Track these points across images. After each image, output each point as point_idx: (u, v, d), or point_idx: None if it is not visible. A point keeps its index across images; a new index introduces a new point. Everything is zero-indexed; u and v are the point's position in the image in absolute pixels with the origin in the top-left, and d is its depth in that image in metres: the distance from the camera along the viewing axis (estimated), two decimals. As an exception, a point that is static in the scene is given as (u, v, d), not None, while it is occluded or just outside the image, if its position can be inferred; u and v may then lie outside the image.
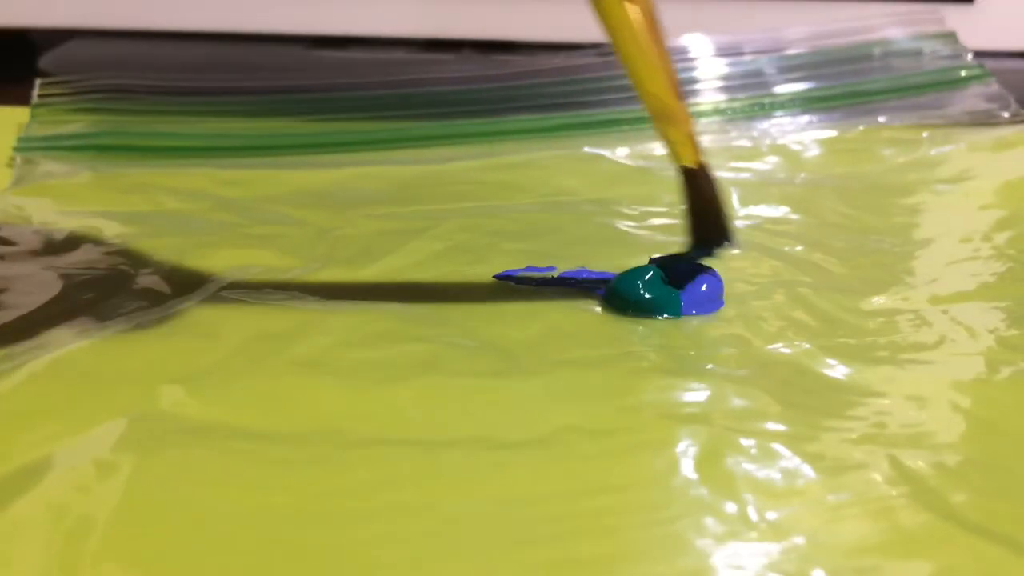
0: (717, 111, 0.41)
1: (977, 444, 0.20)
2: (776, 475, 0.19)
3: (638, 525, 0.18)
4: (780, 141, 0.39)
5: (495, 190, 0.34)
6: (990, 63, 0.46)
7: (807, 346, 0.24)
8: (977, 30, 0.48)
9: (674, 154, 0.25)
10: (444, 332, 0.24)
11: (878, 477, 0.19)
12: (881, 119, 0.40)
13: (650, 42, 0.23)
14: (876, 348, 0.24)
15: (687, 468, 0.19)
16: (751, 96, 0.42)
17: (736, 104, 0.41)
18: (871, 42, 0.46)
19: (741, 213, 0.32)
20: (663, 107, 0.24)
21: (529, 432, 0.20)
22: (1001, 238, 0.30)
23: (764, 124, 0.40)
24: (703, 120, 0.41)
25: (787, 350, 0.24)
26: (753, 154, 0.38)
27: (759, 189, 0.34)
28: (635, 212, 0.32)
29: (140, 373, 0.23)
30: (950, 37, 0.45)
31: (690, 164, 0.25)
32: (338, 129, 0.40)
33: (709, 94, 0.42)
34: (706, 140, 0.39)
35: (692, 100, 0.42)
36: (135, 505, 0.18)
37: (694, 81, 0.43)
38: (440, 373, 0.23)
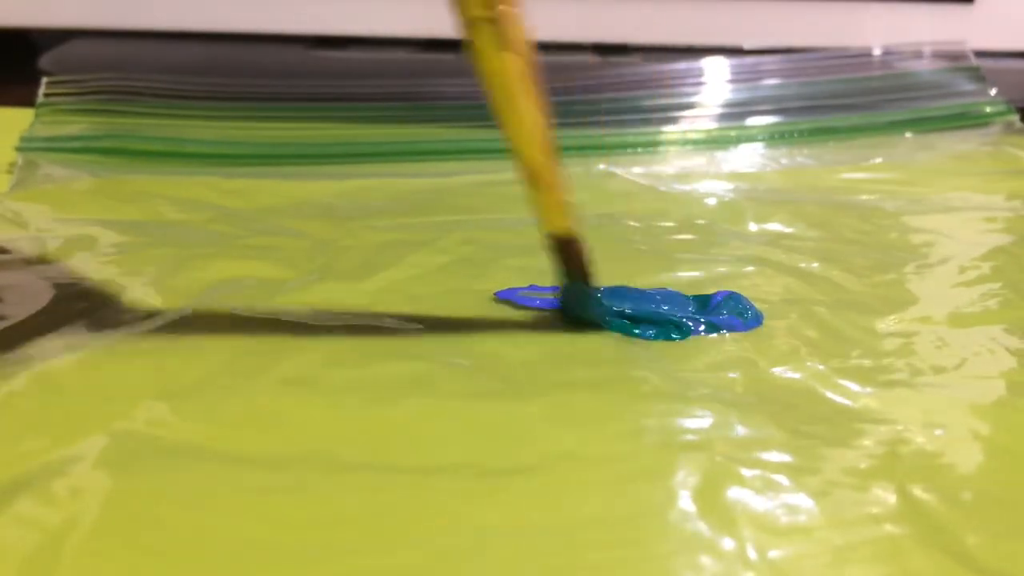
0: (732, 137, 0.40)
1: (996, 477, 0.19)
2: (778, 510, 0.18)
3: (630, 561, 0.17)
4: (797, 160, 0.38)
5: (501, 203, 0.33)
6: (989, 63, 0.45)
7: (820, 368, 0.23)
8: (977, 30, 0.47)
9: (542, 220, 0.23)
10: (439, 351, 0.24)
11: (887, 514, 0.18)
12: (901, 148, 0.39)
13: (525, 100, 0.22)
14: (891, 370, 0.23)
15: (685, 500, 0.18)
16: (771, 124, 0.41)
17: (754, 131, 0.40)
18: (896, 73, 0.45)
19: (754, 229, 0.31)
20: (533, 170, 0.23)
21: (521, 459, 0.20)
22: (1026, 257, 0.29)
23: (782, 148, 0.39)
24: (719, 143, 0.40)
25: (797, 373, 0.23)
26: (767, 172, 0.37)
27: (774, 206, 0.33)
28: (644, 227, 0.31)
29: (124, 389, 0.22)
30: (975, 71, 0.44)
31: (559, 232, 0.23)
32: (344, 139, 0.39)
33: (724, 119, 0.41)
34: (723, 159, 0.38)
35: (706, 123, 0.41)
36: (108, 527, 0.18)
37: (709, 104, 0.42)
38: (432, 394, 0.22)
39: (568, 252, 0.24)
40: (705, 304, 0.25)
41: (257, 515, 0.18)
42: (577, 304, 0.25)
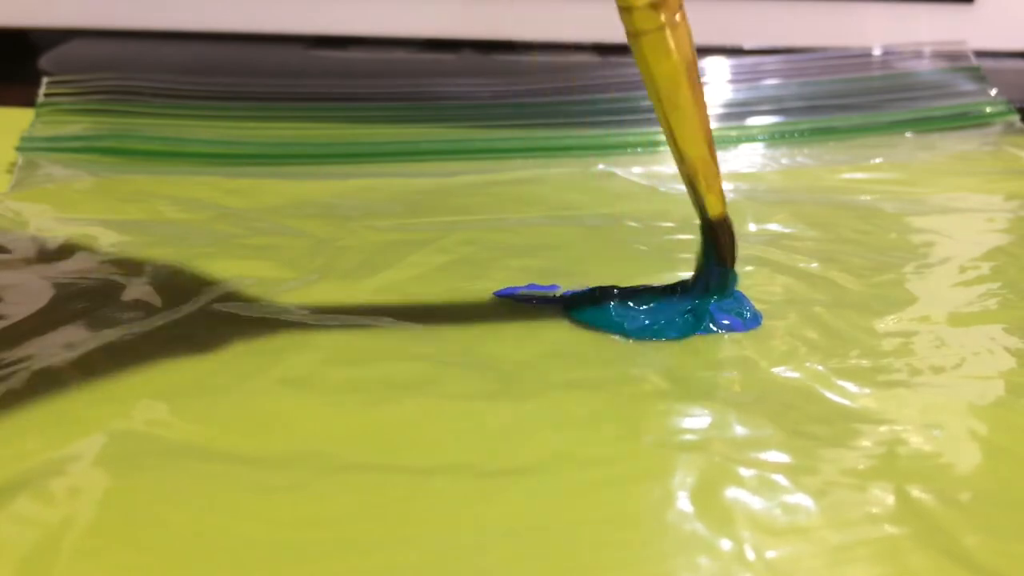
0: (732, 137, 0.40)
1: (995, 477, 0.19)
2: (776, 510, 0.18)
3: (628, 561, 0.17)
4: (797, 160, 0.38)
5: (502, 203, 0.33)
6: (990, 63, 0.45)
7: (819, 368, 0.23)
8: (977, 30, 0.47)
9: (702, 207, 0.24)
10: (438, 350, 0.24)
11: (885, 514, 0.18)
12: (901, 148, 0.39)
13: (691, 99, 0.23)
14: (890, 370, 0.23)
15: (682, 501, 0.18)
16: (771, 124, 0.41)
17: (754, 131, 0.40)
18: (896, 73, 0.45)
19: (754, 229, 0.31)
20: (696, 165, 0.23)
21: (518, 459, 0.20)
22: (1026, 257, 0.29)
23: (782, 148, 0.39)
24: (719, 143, 0.40)
25: (796, 373, 0.23)
26: (767, 172, 0.37)
27: (774, 206, 0.33)
28: (644, 227, 0.31)
29: (123, 388, 0.22)
30: (975, 71, 0.44)
31: (715, 217, 0.24)
32: (344, 139, 0.39)
33: (724, 119, 0.41)
34: (723, 159, 0.38)
35: (710, 123, 0.41)
36: (107, 526, 0.18)
37: (709, 104, 0.42)
38: (431, 394, 0.22)
39: (721, 234, 0.24)
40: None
41: (256, 514, 0.18)
42: (718, 286, 0.25)
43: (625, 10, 0.22)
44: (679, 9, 0.22)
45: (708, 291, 0.25)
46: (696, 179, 0.24)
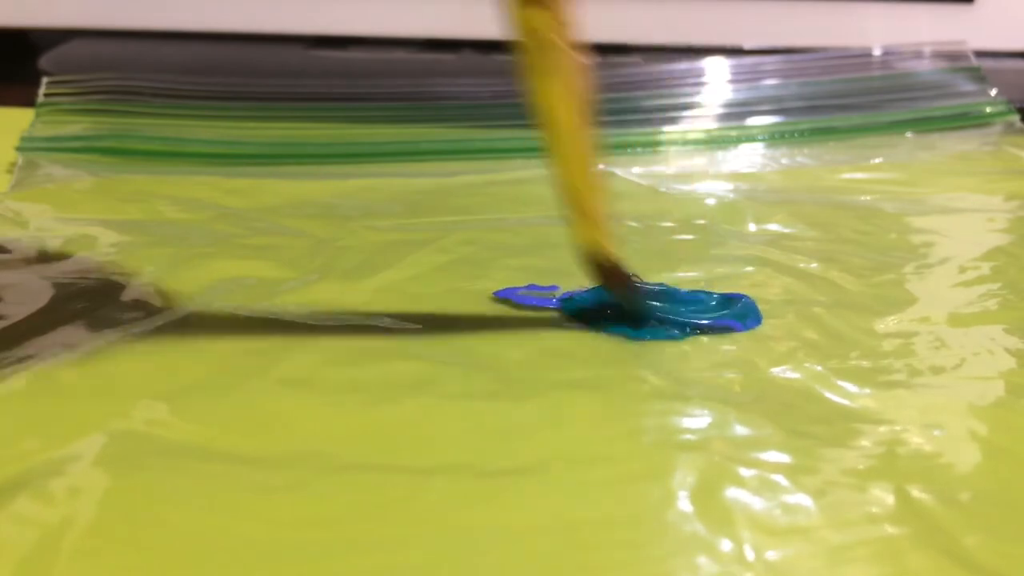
0: (732, 137, 0.40)
1: (994, 477, 0.19)
2: (776, 511, 0.18)
3: (628, 561, 0.17)
4: (797, 160, 0.38)
5: (503, 203, 0.33)
6: (990, 63, 0.45)
7: (818, 368, 0.23)
8: (977, 30, 0.47)
9: (584, 246, 0.23)
10: (437, 350, 0.24)
11: (885, 514, 0.18)
12: (901, 148, 0.39)
13: (571, 124, 0.21)
14: (890, 371, 0.23)
15: (682, 501, 0.18)
16: (771, 124, 0.41)
17: (754, 131, 0.40)
18: (896, 73, 0.45)
19: (754, 229, 0.31)
20: (579, 201, 0.22)
21: (518, 459, 0.20)
22: (1026, 257, 0.29)
23: (782, 148, 0.39)
24: (719, 143, 0.40)
25: (796, 373, 0.23)
26: (767, 172, 0.37)
27: (774, 206, 0.33)
28: (644, 227, 0.31)
29: (123, 388, 0.22)
30: (975, 71, 0.44)
31: (601, 259, 0.23)
32: (344, 139, 0.39)
33: (724, 119, 0.41)
34: (723, 159, 0.38)
35: (707, 123, 0.41)
36: (106, 526, 0.18)
37: (709, 104, 0.43)
38: (430, 394, 0.22)
39: (611, 276, 0.24)
40: (724, 303, 0.25)
41: (255, 514, 0.18)
42: (630, 312, 0.25)
43: (508, 10, 0.21)
44: (562, 29, 0.21)
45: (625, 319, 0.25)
46: (580, 214, 0.23)
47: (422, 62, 0.50)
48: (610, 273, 0.24)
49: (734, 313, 0.25)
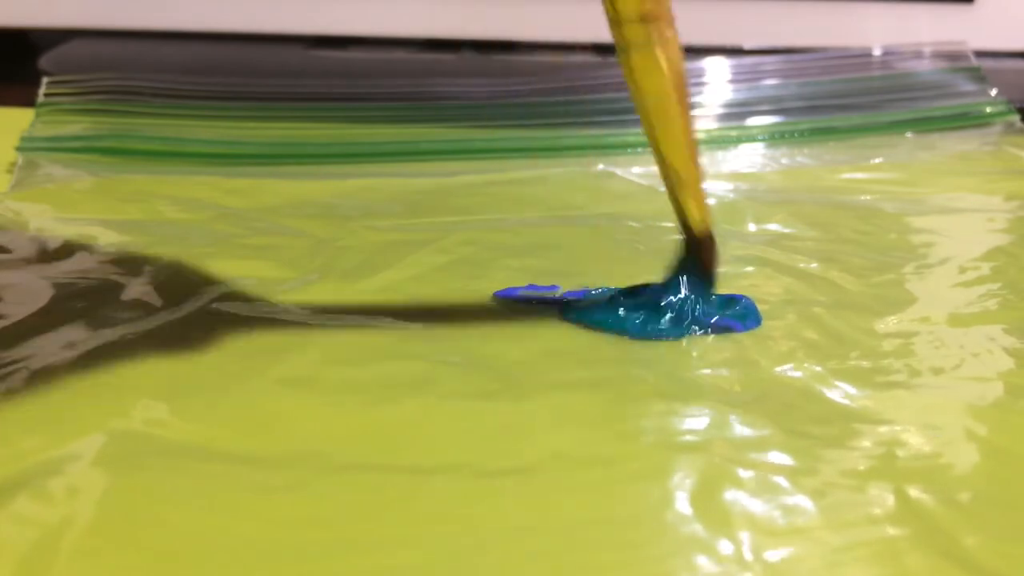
0: (732, 137, 0.40)
1: (994, 478, 0.19)
2: (775, 511, 0.18)
3: (627, 562, 0.17)
4: (797, 160, 0.38)
5: (503, 203, 0.33)
6: (990, 63, 0.45)
7: (818, 368, 0.23)
8: (977, 30, 0.47)
9: (684, 220, 0.24)
10: (437, 350, 0.24)
11: (885, 515, 0.18)
12: (901, 148, 0.39)
13: (679, 112, 0.22)
14: (890, 371, 0.23)
15: (681, 501, 0.18)
16: (771, 124, 0.41)
17: (754, 131, 0.40)
18: (896, 73, 0.45)
19: (754, 229, 0.31)
20: (682, 175, 0.23)
21: (517, 459, 0.20)
22: (1026, 257, 0.29)
23: (782, 148, 0.39)
24: (719, 143, 0.40)
25: (796, 373, 0.23)
26: (767, 172, 0.37)
27: (774, 206, 0.33)
28: (644, 227, 0.31)
29: (122, 388, 0.22)
30: (975, 71, 0.44)
31: (699, 231, 0.24)
32: (344, 139, 0.39)
33: (724, 119, 0.41)
34: (723, 159, 0.38)
35: (707, 123, 0.41)
36: (105, 525, 0.18)
37: (709, 104, 0.43)
38: (430, 394, 0.22)
39: (703, 248, 0.24)
40: (724, 304, 0.25)
41: (255, 514, 0.18)
42: (696, 295, 0.25)
43: (615, 23, 0.22)
44: (671, 24, 0.22)
45: (686, 296, 0.25)
46: (681, 192, 0.23)
47: (422, 62, 0.50)
48: (705, 245, 0.24)
49: (734, 313, 0.25)
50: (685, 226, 0.24)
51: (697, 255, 0.25)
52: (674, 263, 0.25)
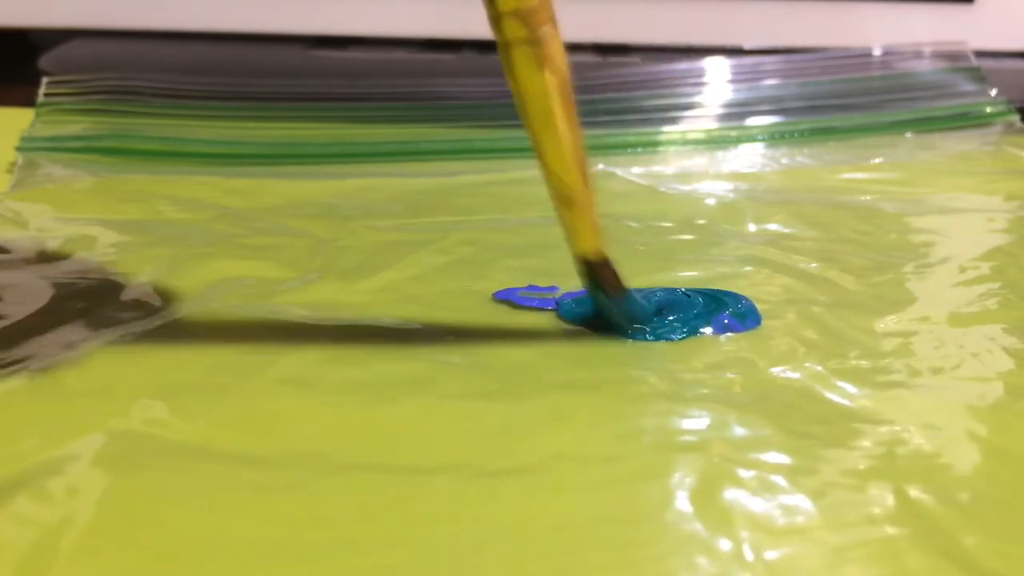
0: (732, 137, 0.40)
1: (994, 478, 0.19)
2: (775, 511, 0.18)
3: (626, 562, 0.17)
4: (797, 160, 0.38)
5: (503, 203, 0.33)
6: (990, 63, 0.45)
7: (817, 368, 0.23)
8: (977, 30, 0.47)
9: (574, 243, 0.23)
10: (436, 350, 0.24)
11: (885, 515, 0.18)
12: (901, 148, 0.39)
13: (563, 120, 0.21)
14: (890, 371, 0.23)
15: (681, 501, 0.18)
16: (771, 124, 0.41)
17: (754, 131, 0.40)
18: (896, 73, 0.45)
19: (753, 229, 0.31)
20: (568, 192, 0.22)
21: (517, 459, 0.20)
22: (1026, 257, 0.29)
23: (782, 148, 0.39)
24: (719, 143, 0.40)
25: (795, 373, 0.23)
26: (767, 172, 0.37)
27: (774, 206, 0.33)
28: (644, 227, 0.31)
29: (122, 388, 0.22)
30: (975, 71, 0.44)
31: (591, 255, 0.23)
32: (344, 139, 0.39)
33: (724, 119, 0.41)
34: (723, 159, 0.38)
35: (707, 123, 0.41)
36: (105, 525, 0.18)
37: (709, 104, 0.43)
38: (430, 394, 0.22)
39: (601, 274, 0.23)
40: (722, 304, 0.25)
41: (254, 514, 0.18)
42: (617, 317, 0.24)
43: (493, 19, 0.21)
44: (548, 23, 0.21)
45: (621, 322, 0.24)
46: (568, 211, 0.22)
47: (422, 62, 0.50)
48: (601, 271, 0.23)
49: (734, 312, 0.25)
50: (576, 250, 0.23)
51: (597, 280, 0.23)
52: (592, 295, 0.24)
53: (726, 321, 0.25)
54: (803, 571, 0.17)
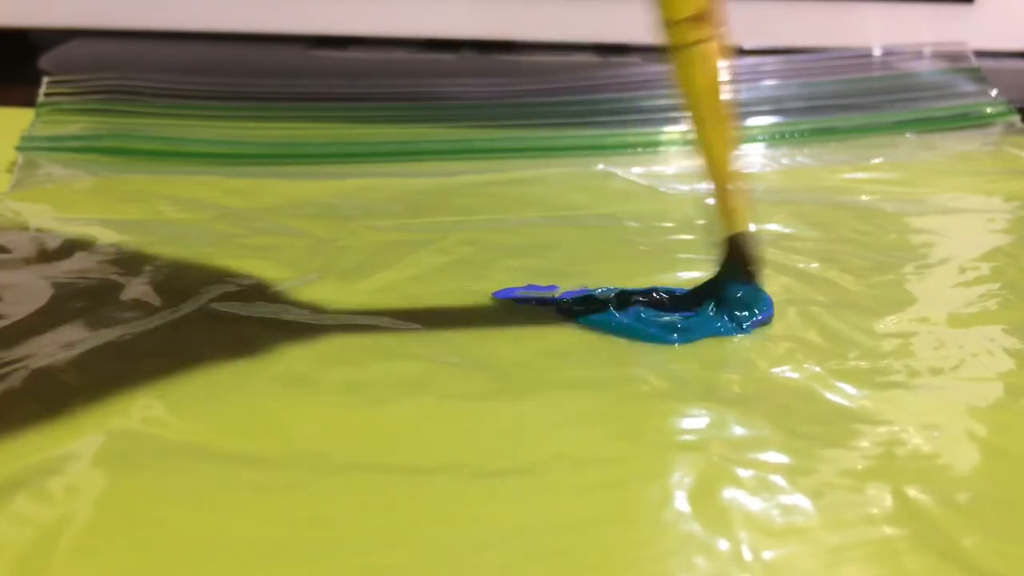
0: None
1: (992, 478, 0.19)
2: (774, 511, 0.18)
3: (625, 562, 0.17)
4: (797, 160, 0.38)
5: (503, 203, 0.33)
6: (990, 63, 0.45)
7: (816, 369, 0.23)
8: (977, 30, 0.47)
9: (725, 221, 0.25)
10: (437, 350, 0.24)
11: (883, 515, 0.18)
12: (901, 149, 0.39)
13: (724, 110, 0.23)
14: (889, 372, 0.23)
15: (680, 501, 0.18)
16: (771, 124, 0.41)
17: (754, 131, 0.40)
18: (897, 73, 0.45)
19: (754, 229, 0.31)
20: (724, 173, 0.24)
21: (516, 459, 0.20)
22: (1025, 258, 0.29)
23: (782, 148, 0.39)
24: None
25: (795, 374, 0.23)
26: (767, 172, 0.37)
27: (774, 206, 0.33)
28: (644, 227, 0.31)
29: (122, 387, 0.22)
30: (975, 71, 0.44)
31: (739, 230, 0.25)
32: (344, 139, 0.39)
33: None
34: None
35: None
36: (104, 525, 0.18)
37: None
38: (429, 394, 0.22)
39: (743, 249, 0.25)
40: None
41: (254, 514, 0.18)
42: (736, 302, 0.25)
43: (667, 24, 0.23)
44: (721, 24, 0.23)
45: (723, 305, 0.25)
46: (721, 190, 0.24)
47: (422, 62, 0.50)
48: (742, 250, 0.25)
49: (759, 306, 0.25)
50: (729, 228, 0.25)
51: (734, 257, 0.25)
52: (720, 265, 0.25)
53: (746, 324, 0.25)
54: (801, 571, 0.17)
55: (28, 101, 0.41)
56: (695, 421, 0.21)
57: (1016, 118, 0.41)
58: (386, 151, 0.38)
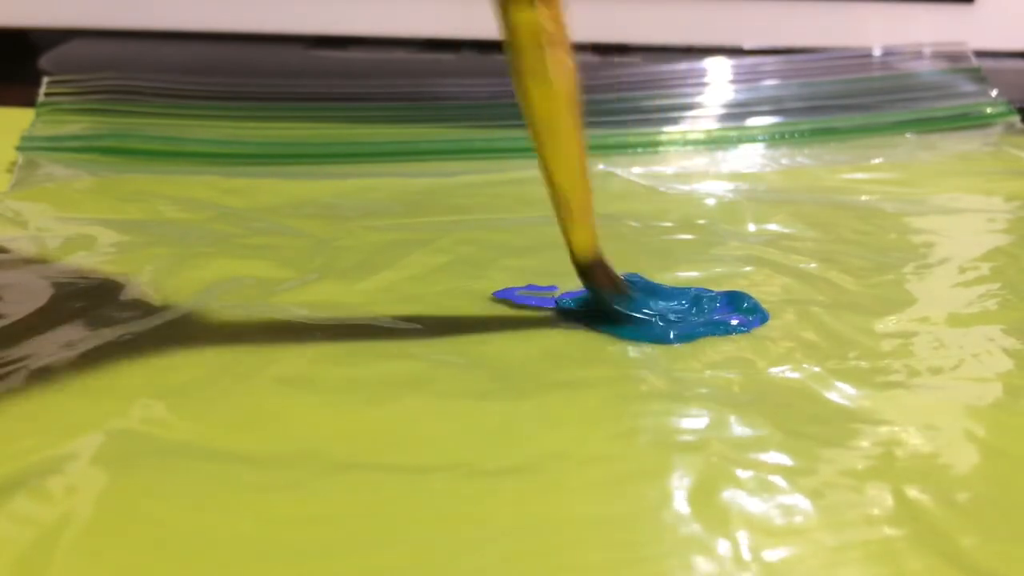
0: (732, 137, 0.40)
1: (992, 479, 0.19)
2: (773, 511, 0.18)
3: (624, 561, 0.17)
4: (797, 160, 0.38)
5: (503, 203, 0.33)
6: (990, 63, 0.45)
7: (816, 369, 0.23)
8: (977, 30, 0.47)
9: (573, 246, 0.23)
10: (435, 350, 0.24)
11: (883, 515, 0.18)
12: (901, 149, 0.39)
13: (568, 130, 0.22)
14: (889, 372, 0.23)
15: (679, 501, 0.18)
16: (771, 124, 0.41)
17: (754, 131, 0.40)
18: (897, 73, 0.45)
19: (753, 229, 0.31)
20: (569, 199, 0.23)
21: (514, 459, 0.20)
22: (1026, 258, 0.29)
23: (782, 148, 0.39)
24: (719, 143, 0.40)
25: (794, 374, 0.23)
26: (767, 172, 0.37)
27: (774, 206, 0.33)
28: (644, 227, 0.31)
29: (121, 387, 0.22)
30: (975, 72, 0.44)
31: (588, 257, 0.24)
32: (344, 139, 0.39)
33: (724, 119, 0.41)
34: (723, 159, 0.38)
35: (707, 123, 0.41)
36: (103, 524, 0.18)
37: (709, 104, 0.43)
38: (427, 393, 0.22)
39: (598, 275, 0.24)
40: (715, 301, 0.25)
41: (253, 513, 0.18)
42: (613, 317, 0.25)
43: (507, 27, 0.21)
44: (563, 37, 0.21)
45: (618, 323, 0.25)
46: (564, 212, 0.23)
47: (422, 62, 0.50)
48: (598, 272, 0.24)
49: (741, 311, 0.25)
50: (571, 253, 0.23)
51: (591, 282, 0.24)
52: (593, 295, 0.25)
53: (735, 321, 0.25)
54: (801, 572, 0.17)
55: (28, 101, 0.41)
56: (694, 421, 0.21)
57: (1016, 118, 0.41)
58: (386, 151, 0.38)
